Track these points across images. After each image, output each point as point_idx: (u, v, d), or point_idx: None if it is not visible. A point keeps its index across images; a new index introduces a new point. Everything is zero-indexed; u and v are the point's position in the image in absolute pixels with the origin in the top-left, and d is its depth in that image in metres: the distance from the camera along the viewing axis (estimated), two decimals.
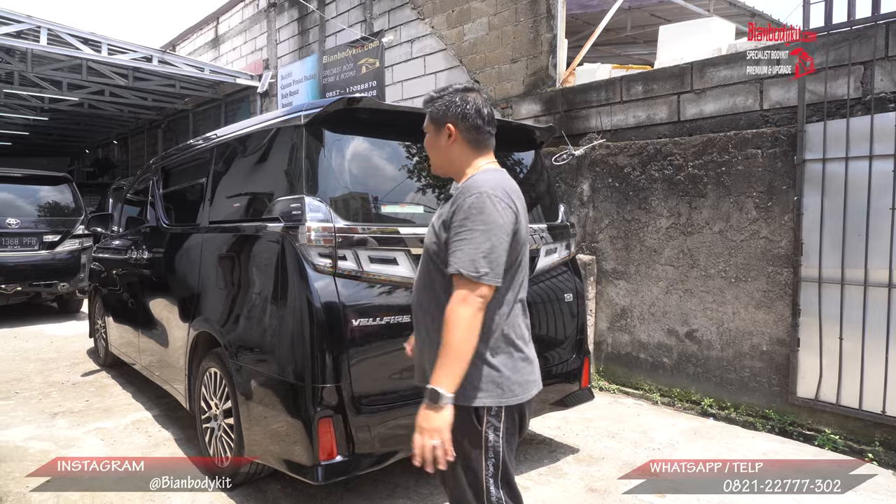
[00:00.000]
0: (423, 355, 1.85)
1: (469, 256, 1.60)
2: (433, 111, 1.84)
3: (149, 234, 4.37)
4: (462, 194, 1.69)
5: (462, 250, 1.62)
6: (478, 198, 1.64)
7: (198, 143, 3.94)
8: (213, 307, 3.23)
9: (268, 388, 2.72)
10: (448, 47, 7.23)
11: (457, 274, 1.61)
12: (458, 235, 1.64)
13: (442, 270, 1.71)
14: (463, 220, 1.64)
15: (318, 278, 2.53)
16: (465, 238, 1.62)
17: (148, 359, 4.39)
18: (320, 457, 2.45)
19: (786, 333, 4.23)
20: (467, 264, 1.60)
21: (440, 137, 1.82)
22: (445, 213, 1.74)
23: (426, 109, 1.87)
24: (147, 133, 15.91)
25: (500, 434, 1.71)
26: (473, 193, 1.66)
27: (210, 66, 10.70)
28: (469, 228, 1.62)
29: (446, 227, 1.71)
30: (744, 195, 4.45)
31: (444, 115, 1.81)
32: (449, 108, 1.80)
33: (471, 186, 1.69)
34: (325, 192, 2.64)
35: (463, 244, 1.62)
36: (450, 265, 1.64)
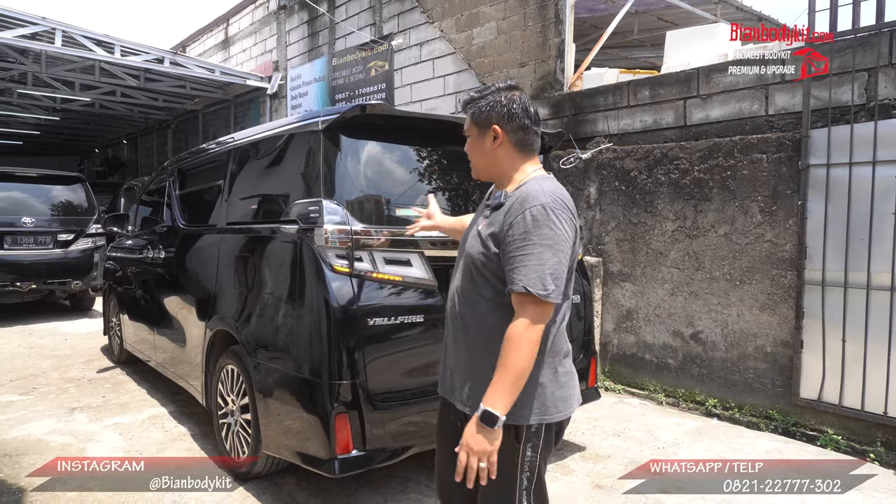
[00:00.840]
0: (449, 360, 1.82)
1: (536, 273, 1.53)
2: (476, 112, 1.73)
3: (165, 233, 4.48)
4: (520, 205, 1.59)
5: (528, 266, 1.53)
6: (540, 211, 1.56)
7: (215, 147, 4.04)
8: (231, 306, 3.33)
9: (285, 385, 2.81)
10: (457, 51, 7.32)
11: (522, 292, 1.53)
12: (520, 250, 1.55)
13: (490, 280, 1.65)
14: (524, 233, 1.55)
15: (335, 279, 2.62)
16: (530, 253, 1.54)
17: (163, 356, 4.50)
18: (337, 451, 2.54)
19: (789, 335, 4.30)
20: (535, 282, 1.52)
21: (485, 140, 1.72)
22: (497, 223, 1.64)
23: (467, 111, 1.76)
24: (157, 133, 16.07)
25: (538, 450, 1.68)
26: (534, 205, 1.57)
27: (221, 68, 10.83)
28: (533, 243, 1.54)
29: (497, 239, 1.62)
30: (749, 199, 4.52)
31: (488, 116, 1.70)
32: (494, 108, 1.70)
33: (529, 197, 1.59)
34: (341, 196, 2.73)
35: (528, 260, 1.54)
36: (513, 282, 1.55)
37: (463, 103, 1.79)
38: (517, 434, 1.66)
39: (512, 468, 1.67)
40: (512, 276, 1.57)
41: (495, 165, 1.74)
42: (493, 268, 1.64)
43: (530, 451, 1.68)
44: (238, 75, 10.87)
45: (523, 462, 1.67)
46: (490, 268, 1.65)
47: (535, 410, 1.66)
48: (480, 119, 1.73)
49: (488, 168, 1.76)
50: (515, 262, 1.56)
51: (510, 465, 1.66)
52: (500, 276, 1.64)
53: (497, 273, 1.64)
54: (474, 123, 1.75)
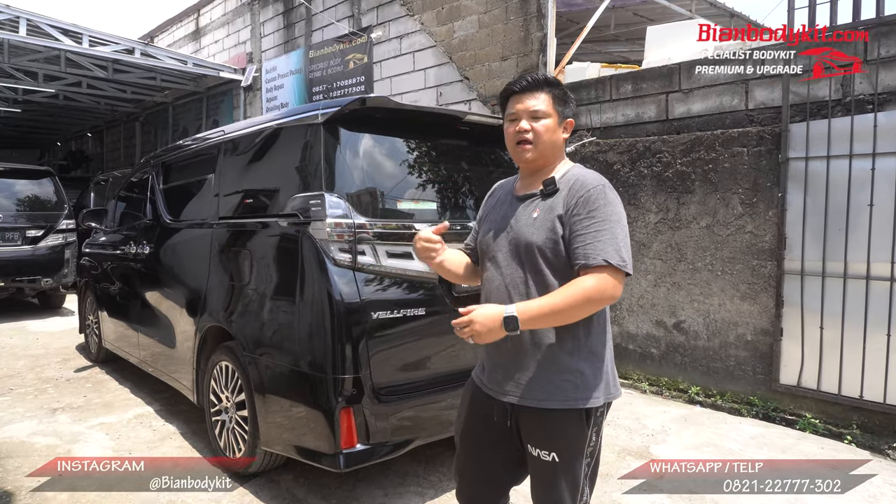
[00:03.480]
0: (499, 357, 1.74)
1: (612, 246, 1.55)
2: (561, 97, 1.73)
3: (148, 229, 4.38)
4: (581, 185, 1.63)
5: (602, 241, 1.55)
6: (602, 189, 1.61)
7: (203, 139, 3.96)
8: (224, 301, 3.28)
9: (286, 380, 2.80)
10: (438, 44, 7.30)
11: (602, 265, 1.54)
12: (593, 226, 1.57)
13: (557, 268, 1.63)
14: (592, 210, 1.58)
15: (338, 272, 2.61)
16: (603, 229, 1.56)
17: (147, 353, 4.41)
18: (342, 445, 2.54)
19: (769, 324, 4.43)
20: (613, 254, 1.54)
21: (558, 128, 1.73)
22: (559, 205, 1.64)
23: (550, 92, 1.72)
24: (124, 126, 15.64)
25: (601, 434, 1.69)
26: (598, 185, 1.62)
27: (193, 59, 10.59)
28: (602, 219, 1.57)
29: (562, 220, 1.62)
30: (730, 191, 4.63)
31: (568, 107, 1.74)
32: (572, 102, 1.76)
33: (587, 178, 1.65)
34: (342, 189, 2.72)
35: (602, 235, 1.56)
36: (588, 257, 1.55)
37: (541, 79, 1.73)
38: (587, 418, 1.65)
39: (580, 458, 1.65)
40: (586, 251, 1.56)
41: (554, 153, 1.74)
42: (562, 252, 1.63)
43: (595, 435, 1.68)
44: (211, 67, 10.65)
45: (588, 449, 1.67)
46: (558, 253, 1.63)
47: (603, 391, 1.66)
48: (565, 106, 1.74)
49: (549, 155, 1.73)
50: (588, 238, 1.57)
51: (576, 453, 1.65)
52: (567, 260, 1.62)
53: (564, 258, 1.63)
54: (556, 108, 1.72)
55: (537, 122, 1.70)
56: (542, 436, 1.67)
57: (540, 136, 1.70)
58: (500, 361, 1.75)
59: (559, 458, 1.63)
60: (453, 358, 2.93)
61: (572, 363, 1.65)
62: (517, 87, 1.75)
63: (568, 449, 1.64)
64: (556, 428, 1.65)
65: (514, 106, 1.75)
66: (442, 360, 2.89)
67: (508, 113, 1.77)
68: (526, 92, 1.73)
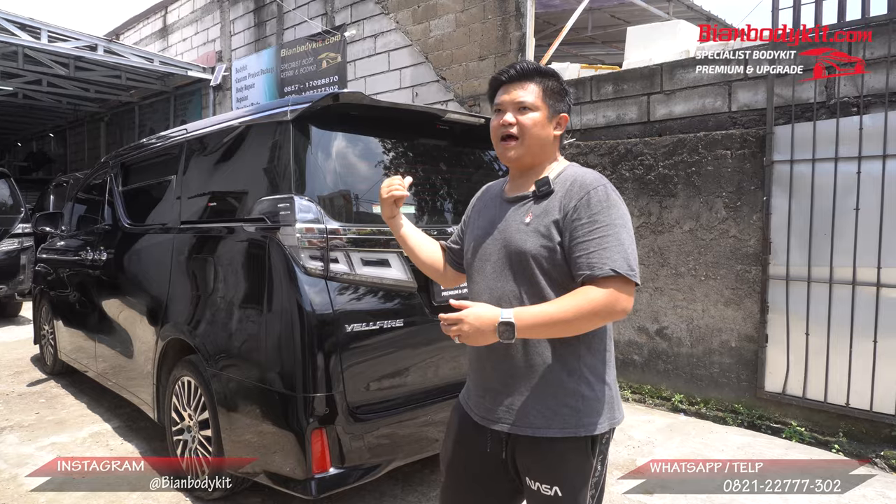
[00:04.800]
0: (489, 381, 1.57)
1: (620, 254, 1.39)
2: (552, 89, 1.55)
3: (107, 234, 4.11)
4: (580, 187, 1.46)
5: (609, 248, 1.39)
6: (604, 190, 1.45)
7: (165, 138, 3.72)
8: (187, 312, 3.05)
9: (252, 398, 2.58)
10: (414, 43, 7.12)
11: (610, 276, 1.38)
12: (596, 232, 1.41)
13: (555, 278, 1.47)
14: (594, 214, 1.42)
15: (308, 282, 2.41)
16: (608, 234, 1.40)
17: (105, 366, 4.14)
18: (314, 469, 2.34)
19: (754, 330, 4.35)
20: (621, 263, 1.38)
21: (549, 123, 1.55)
22: (555, 209, 1.48)
23: (538, 83, 1.54)
24: (88, 126, 15.12)
25: (605, 462, 1.54)
26: (598, 186, 1.46)
27: (160, 58, 10.23)
28: (606, 223, 1.41)
29: (559, 226, 1.46)
30: (713, 195, 4.54)
31: (562, 101, 1.57)
32: (568, 95, 1.58)
33: (586, 179, 1.48)
34: (312, 192, 2.52)
35: (607, 241, 1.40)
36: (593, 267, 1.39)
37: (531, 68, 1.56)
38: (592, 446, 1.50)
39: (581, 487, 1.50)
40: (590, 260, 1.40)
41: (544, 152, 1.57)
42: (560, 262, 1.46)
43: (600, 465, 1.53)
44: (179, 65, 10.30)
45: (593, 478, 1.51)
46: (556, 262, 1.47)
47: (607, 415, 1.51)
48: (558, 99, 1.56)
49: (537, 153, 1.56)
50: (592, 246, 1.41)
51: (580, 485, 1.49)
52: (567, 270, 1.46)
53: (563, 268, 1.46)
54: (547, 101, 1.54)
55: (524, 115, 1.53)
56: (541, 468, 1.50)
57: (526, 131, 1.53)
58: (489, 386, 1.56)
59: (562, 491, 1.47)
60: (433, 371, 2.75)
61: (572, 385, 1.47)
62: (504, 77, 1.58)
63: (571, 481, 1.48)
64: (557, 459, 1.48)
65: (500, 97, 1.58)
66: (421, 374, 2.71)
67: (495, 105, 1.60)
68: (514, 82, 1.56)
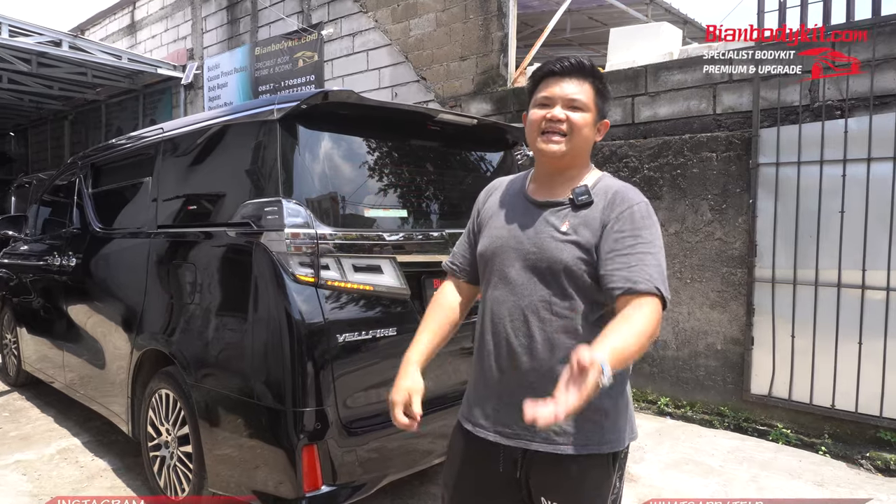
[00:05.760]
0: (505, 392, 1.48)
1: (659, 274, 1.35)
2: (604, 92, 1.48)
3: (75, 238, 3.90)
4: (622, 200, 1.42)
5: (650, 266, 1.35)
6: (647, 207, 1.42)
7: (138, 139, 3.54)
8: (165, 322, 2.89)
9: (238, 413, 2.44)
10: (393, 42, 7.00)
11: (653, 293, 1.33)
12: (636, 247, 1.37)
13: (586, 290, 1.41)
14: (638, 229, 1.38)
15: (298, 289, 2.28)
16: (650, 252, 1.37)
17: (73, 376, 3.93)
18: (304, 488, 2.22)
19: (740, 332, 4.35)
20: (661, 282, 1.34)
21: (592, 125, 1.48)
22: (595, 219, 1.42)
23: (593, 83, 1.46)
24: (51, 125, 14.58)
25: (623, 478, 1.49)
26: (640, 202, 1.42)
27: (129, 54, 9.89)
28: (649, 241, 1.38)
29: (597, 237, 1.41)
30: (699, 197, 4.54)
31: (609, 107, 1.52)
32: (611, 100, 1.55)
33: (627, 193, 1.45)
34: (301, 195, 2.40)
35: (648, 259, 1.36)
36: (638, 282, 1.33)
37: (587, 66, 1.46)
38: (613, 463, 1.44)
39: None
40: (631, 274, 1.34)
41: (583, 155, 1.51)
42: (591, 275, 1.40)
43: (619, 480, 1.47)
44: (148, 63, 9.97)
45: (611, 497, 1.46)
46: (589, 273, 1.41)
47: (627, 431, 1.47)
48: (603, 102, 1.49)
49: (578, 154, 1.49)
50: (633, 260, 1.35)
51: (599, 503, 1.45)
52: (593, 281, 1.40)
53: (593, 282, 1.40)
54: (597, 103, 1.47)
55: (575, 112, 1.44)
56: (560, 487, 1.42)
57: (576, 130, 1.44)
58: (506, 399, 1.47)
59: None
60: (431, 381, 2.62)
61: (595, 400, 1.37)
62: (557, 68, 1.46)
63: (591, 501, 1.43)
64: (578, 477, 1.41)
65: (549, 89, 1.46)
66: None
67: (540, 97, 1.48)
68: (567, 76, 1.45)
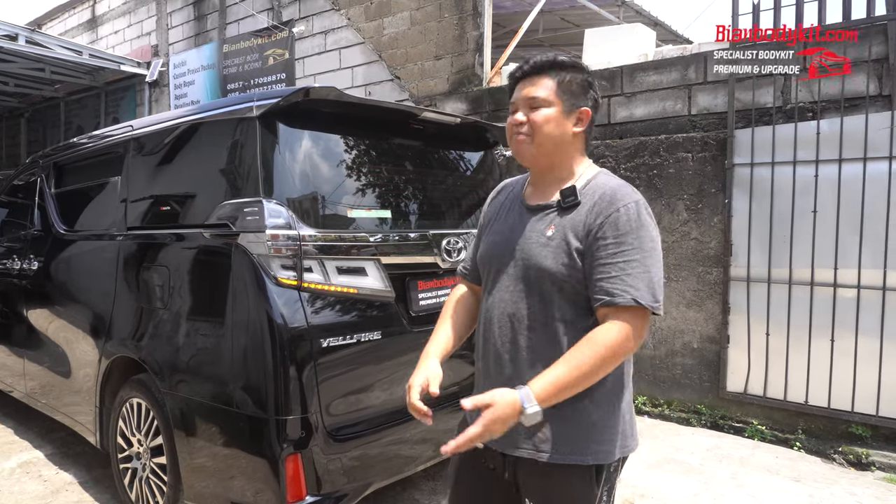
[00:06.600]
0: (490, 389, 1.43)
1: (645, 283, 1.30)
2: (567, 82, 1.40)
3: (36, 240, 3.72)
4: (609, 202, 1.34)
5: (633, 275, 1.29)
6: (635, 208, 1.33)
7: (106, 136, 3.38)
8: (136, 327, 2.76)
9: (216, 422, 2.35)
10: (366, 41, 6.91)
11: (632, 305, 1.29)
12: (621, 255, 1.30)
13: (571, 298, 1.37)
14: (622, 235, 1.31)
15: (280, 293, 2.20)
16: (634, 259, 1.30)
17: (35, 385, 3.75)
18: (288, 499, 2.14)
19: (716, 331, 4.40)
20: (646, 294, 1.29)
21: (568, 120, 1.41)
22: (580, 224, 1.36)
23: (552, 75, 1.40)
24: (6, 122, 14.01)
25: (613, 492, 1.43)
26: (629, 202, 1.33)
27: (90, 50, 9.55)
28: (635, 248, 1.31)
29: (582, 243, 1.35)
30: (675, 197, 4.57)
31: (583, 94, 1.42)
32: (589, 87, 1.43)
33: (617, 192, 1.36)
34: (282, 194, 2.31)
35: (632, 267, 1.30)
36: (615, 294, 1.29)
37: (544, 62, 1.42)
38: (598, 476, 1.39)
39: None
40: (612, 286, 1.30)
41: (564, 153, 1.43)
42: (578, 281, 1.35)
43: (606, 495, 1.42)
44: (111, 59, 9.65)
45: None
46: (576, 280, 1.35)
47: (618, 444, 1.40)
48: (574, 93, 1.41)
49: (553, 154, 1.43)
50: (614, 270, 1.30)
51: None
52: (584, 291, 1.35)
53: (580, 288, 1.36)
54: (561, 96, 1.40)
55: (535, 111, 1.40)
56: (541, 494, 1.41)
57: (537, 129, 1.40)
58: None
59: None
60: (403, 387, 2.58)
61: (581, 407, 1.36)
62: (518, 73, 1.47)
63: None
64: (559, 485, 1.39)
65: (514, 95, 1.47)
66: (402, 389, 2.53)
67: (510, 104, 1.48)
68: (527, 77, 1.44)
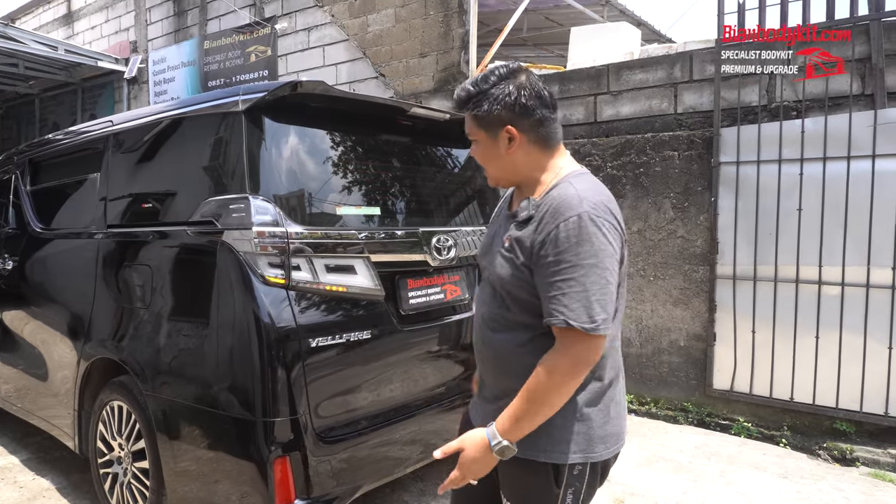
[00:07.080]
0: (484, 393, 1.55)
1: (580, 303, 1.24)
2: (480, 113, 1.39)
3: (12, 239, 3.61)
4: (552, 217, 1.30)
5: (568, 295, 1.25)
6: (577, 222, 1.26)
7: (83, 132, 3.29)
8: (116, 328, 2.68)
9: (201, 424, 2.28)
10: (350, 38, 6.84)
11: (564, 327, 1.26)
12: (558, 275, 1.26)
13: (527, 305, 1.37)
14: (560, 253, 1.26)
15: (267, 291, 2.14)
16: (570, 278, 1.25)
17: (9, 388, 3.65)
18: (276, 503, 2.08)
19: (702, 329, 4.41)
20: (580, 314, 1.24)
21: (497, 145, 1.41)
22: (527, 240, 1.35)
23: (467, 111, 1.42)
24: None
25: (580, 496, 1.40)
26: (569, 217, 1.27)
27: (66, 46, 9.34)
28: (572, 265, 1.25)
29: (530, 259, 1.33)
30: (661, 196, 4.58)
31: (498, 116, 1.38)
32: (502, 104, 1.37)
33: (562, 206, 1.30)
34: (268, 191, 2.25)
35: (568, 286, 1.25)
36: (552, 314, 1.27)
37: (458, 101, 1.44)
38: (556, 476, 1.38)
39: None
40: (550, 307, 1.28)
41: (515, 171, 1.44)
42: (530, 292, 1.36)
43: (571, 497, 1.39)
44: (88, 55, 9.44)
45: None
46: (525, 293, 1.37)
47: (579, 447, 1.37)
48: (489, 120, 1.39)
49: (508, 175, 1.46)
50: (553, 290, 1.28)
51: None
52: (538, 300, 1.35)
53: (534, 298, 1.35)
54: (480, 127, 1.42)
55: (473, 145, 1.49)
56: (508, 485, 1.45)
57: (481, 163, 1.50)
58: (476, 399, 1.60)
59: None
60: (405, 385, 2.55)
61: None
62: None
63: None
64: (520, 480, 1.42)
65: None
66: (392, 389, 2.50)
67: None
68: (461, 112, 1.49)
